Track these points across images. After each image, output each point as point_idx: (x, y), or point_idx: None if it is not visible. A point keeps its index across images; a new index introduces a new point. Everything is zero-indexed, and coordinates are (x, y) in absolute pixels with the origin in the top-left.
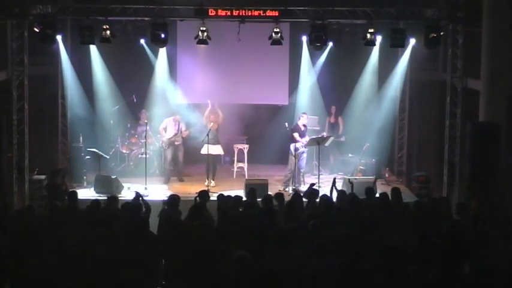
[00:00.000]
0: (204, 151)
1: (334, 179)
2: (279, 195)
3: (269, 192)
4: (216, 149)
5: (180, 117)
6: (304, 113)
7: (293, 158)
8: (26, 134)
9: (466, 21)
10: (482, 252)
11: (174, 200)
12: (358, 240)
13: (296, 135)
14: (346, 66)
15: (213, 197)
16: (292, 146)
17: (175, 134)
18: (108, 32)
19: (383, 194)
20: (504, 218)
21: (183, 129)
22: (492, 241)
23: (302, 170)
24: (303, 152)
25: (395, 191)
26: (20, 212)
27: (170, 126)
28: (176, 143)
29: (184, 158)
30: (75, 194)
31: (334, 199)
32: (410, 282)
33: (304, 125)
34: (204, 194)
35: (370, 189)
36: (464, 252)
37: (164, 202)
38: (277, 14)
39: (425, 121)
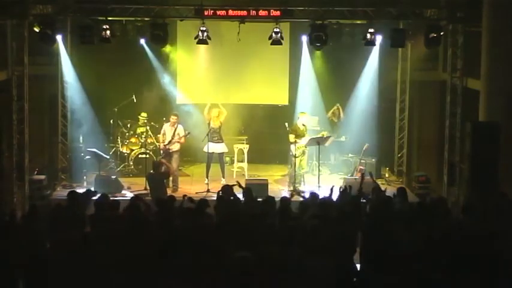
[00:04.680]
0: (206, 149)
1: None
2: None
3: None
4: (221, 147)
5: (178, 118)
6: (302, 112)
7: (293, 159)
8: (26, 134)
9: (466, 21)
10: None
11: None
12: (359, 239)
13: (291, 137)
14: (346, 66)
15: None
16: (292, 147)
17: (170, 141)
18: (108, 32)
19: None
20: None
21: (180, 134)
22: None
23: (303, 170)
24: (303, 153)
25: (401, 191)
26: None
27: (167, 131)
28: (171, 151)
29: (184, 158)
30: (75, 194)
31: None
32: (412, 283)
33: (304, 125)
34: (228, 189)
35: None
36: (470, 252)
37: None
38: (277, 14)
39: (425, 121)
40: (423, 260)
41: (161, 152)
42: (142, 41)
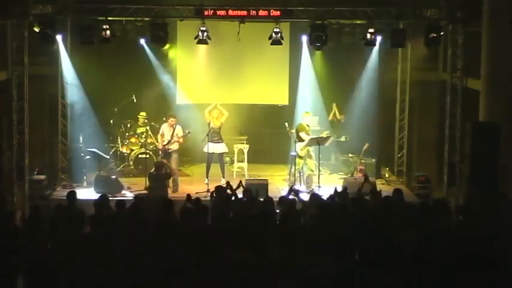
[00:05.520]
0: (206, 149)
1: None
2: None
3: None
4: (221, 147)
5: (176, 120)
6: (307, 112)
7: (297, 159)
8: (26, 134)
9: (466, 21)
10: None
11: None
12: (359, 240)
13: (303, 134)
14: (346, 66)
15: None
16: (298, 146)
17: (169, 141)
18: (108, 32)
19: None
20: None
21: (179, 134)
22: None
23: (310, 172)
24: (308, 152)
25: (397, 192)
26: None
27: (166, 132)
28: (170, 150)
29: (184, 158)
30: (74, 194)
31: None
32: (412, 283)
33: (308, 125)
34: (220, 190)
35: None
36: (470, 252)
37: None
38: (277, 14)
39: (425, 121)
40: (423, 260)
41: (160, 152)
42: (142, 41)
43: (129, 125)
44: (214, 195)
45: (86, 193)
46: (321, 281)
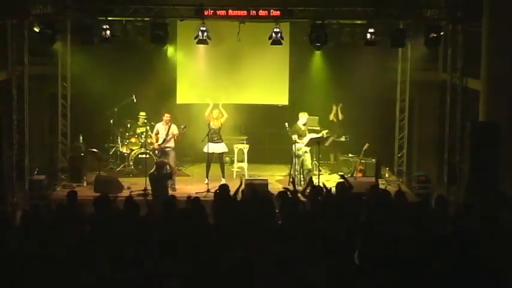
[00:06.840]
0: (206, 149)
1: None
2: (282, 195)
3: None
4: (221, 147)
5: (171, 116)
6: (302, 112)
7: (294, 159)
8: (26, 134)
9: (466, 21)
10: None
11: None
12: (358, 238)
13: (295, 137)
14: (346, 66)
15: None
16: (293, 147)
17: (164, 140)
18: (108, 32)
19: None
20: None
21: (174, 132)
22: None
23: (306, 170)
24: (305, 152)
25: (399, 194)
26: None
27: (161, 130)
28: (167, 149)
29: (184, 158)
30: (74, 194)
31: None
32: (411, 282)
33: (304, 125)
34: (225, 189)
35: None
36: (469, 252)
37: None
38: (277, 14)
39: (425, 121)
40: (422, 259)
41: (156, 152)
42: (142, 41)
43: (129, 125)
44: (218, 193)
45: (86, 193)
46: (320, 281)
